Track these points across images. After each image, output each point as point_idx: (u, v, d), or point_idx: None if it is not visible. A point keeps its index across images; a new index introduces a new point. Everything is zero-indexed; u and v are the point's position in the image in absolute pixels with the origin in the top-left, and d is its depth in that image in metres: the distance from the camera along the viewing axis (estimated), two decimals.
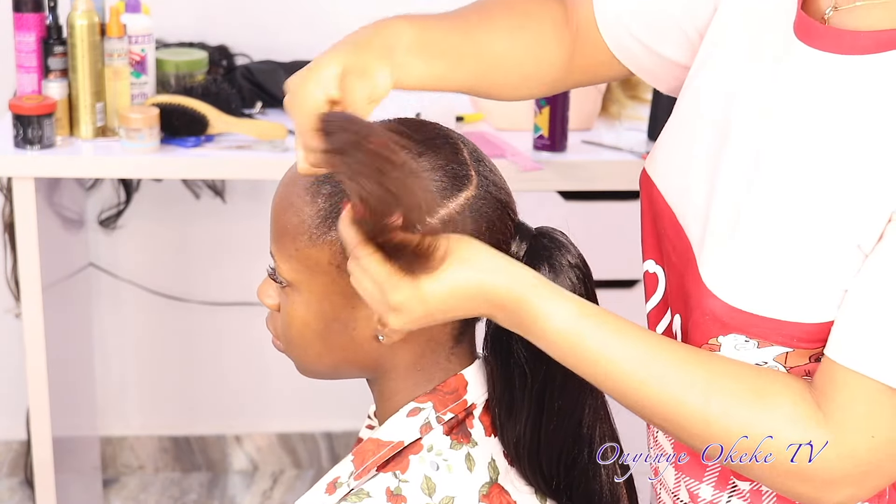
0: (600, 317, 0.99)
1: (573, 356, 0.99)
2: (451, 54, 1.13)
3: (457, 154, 1.04)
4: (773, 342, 1.02)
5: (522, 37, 1.19)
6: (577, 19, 1.21)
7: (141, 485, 2.90)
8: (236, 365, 2.90)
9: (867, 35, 0.99)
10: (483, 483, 1.04)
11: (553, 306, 0.98)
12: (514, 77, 1.20)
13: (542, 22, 1.20)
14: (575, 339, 0.98)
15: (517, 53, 1.19)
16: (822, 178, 1.00)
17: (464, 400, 1.06)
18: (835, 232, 0.98)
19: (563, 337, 0.98)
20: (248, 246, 2.78)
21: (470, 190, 1.02)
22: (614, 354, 0.98)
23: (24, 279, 2.23)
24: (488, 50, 1.16)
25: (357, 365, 1.08)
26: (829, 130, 1.00)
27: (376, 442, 1.05)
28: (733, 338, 1.04)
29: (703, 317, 1.06)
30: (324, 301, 1.04)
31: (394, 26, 1.10)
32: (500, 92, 1.21)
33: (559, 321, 0.97)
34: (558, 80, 1.24)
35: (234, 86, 2.37)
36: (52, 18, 2.19)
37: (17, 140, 2.15)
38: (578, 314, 0.98)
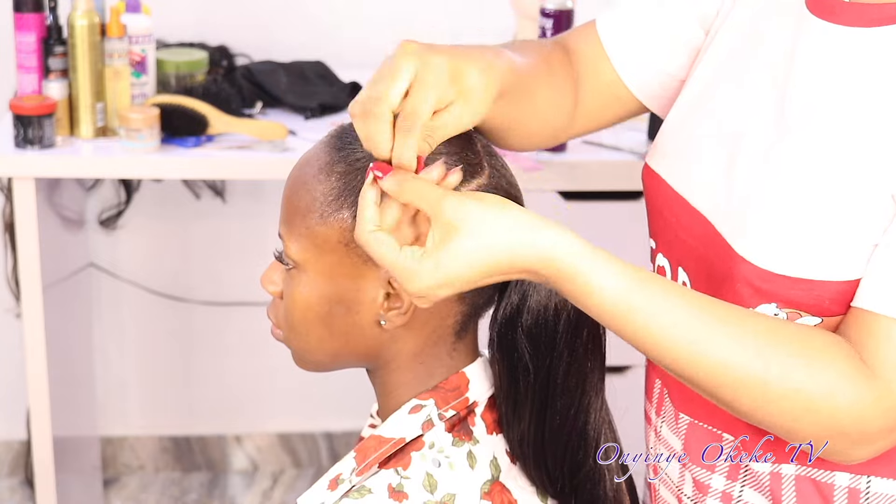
0: (648, 285, 0.96)
1: (623, 327, 0.96)
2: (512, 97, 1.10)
3: (471, 145, 1.05)
4: (803, 311, 1.01)
5: (552, 85, 1.18)
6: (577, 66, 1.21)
7: (141, 485, 2.90)
8: (236, 365, 2.90)
9: (877, 7, 1.00)
10: (484, 481, 1.05)
11: (598, 280, 0.94)
12: (537, 125, 1.18)
13: (560, 70, 1.20)
14: (625, 312, 0.95)
15: (547, 102, 1.17)
16: (850, 133, 1.00)
17: (466, 398, 1.07)
18: (867, 183, 0.98)
19: (611, 309, 0.95)
20: (248, 246, 2.78)
21: (482, 178, 1.04)
22: (665, 323, 0.95)
23: (24, 279, 2.23)
24: (534, 98, 1.15)
25: (358, 352, 1.08)
26: (851, 91, 1.01)
27: (378, 438, 1.05)
28: (764, 308, 1.03)
29: (736, 288, 1.05)
30: (329, 282, 1.05)
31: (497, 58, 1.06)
32: (519, 140, 1.17)
33: (607, 295, 0.94)
34: (562, 132, 1.23)
35: (234, 86, 2.37)
36: (53, 18, 2.19)
37: (18, 140, 2.15)
38: (627, 288, 0.95)
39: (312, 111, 2.37)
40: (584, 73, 1.21)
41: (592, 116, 1.24)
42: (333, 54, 2.63)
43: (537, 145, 1.24)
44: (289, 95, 2.40)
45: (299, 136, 2.27)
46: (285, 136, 2.24)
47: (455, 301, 1.05)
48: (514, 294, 1.05)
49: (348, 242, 1.03)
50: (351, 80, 2.50)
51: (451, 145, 1.03)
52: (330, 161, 1.04)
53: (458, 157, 1.03)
